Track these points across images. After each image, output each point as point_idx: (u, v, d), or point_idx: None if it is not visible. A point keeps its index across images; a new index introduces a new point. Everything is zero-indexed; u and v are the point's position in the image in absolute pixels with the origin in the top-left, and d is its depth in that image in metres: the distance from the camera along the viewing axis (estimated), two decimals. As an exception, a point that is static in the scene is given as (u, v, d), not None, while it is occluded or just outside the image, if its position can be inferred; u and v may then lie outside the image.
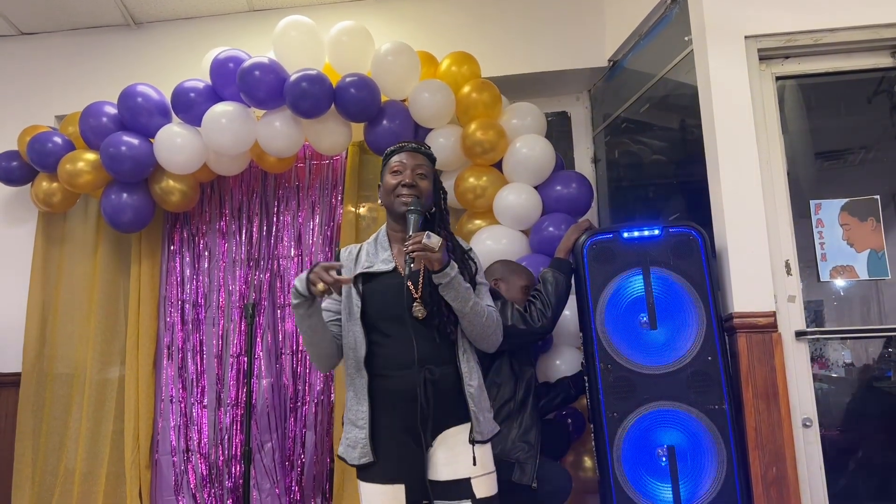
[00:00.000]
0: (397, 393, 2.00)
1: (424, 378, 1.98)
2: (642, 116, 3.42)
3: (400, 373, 2.01)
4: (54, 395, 3.50)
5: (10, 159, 3.51)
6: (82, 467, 3.38)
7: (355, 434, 2.00)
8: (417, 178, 2.12)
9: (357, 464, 1.99)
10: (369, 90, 3.11)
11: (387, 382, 2.02)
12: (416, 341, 2.01)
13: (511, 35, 3.65)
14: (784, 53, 2.76)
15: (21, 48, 3.92)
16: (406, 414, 1.99)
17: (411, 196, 2.09)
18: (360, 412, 2.01)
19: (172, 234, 3.65)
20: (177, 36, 3.84)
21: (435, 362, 2.02)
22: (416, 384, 1.98)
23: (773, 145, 2.71)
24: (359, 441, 1.99)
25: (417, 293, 2.04)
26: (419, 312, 2.02)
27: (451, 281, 2.00)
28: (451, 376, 2.04)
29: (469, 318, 2.06)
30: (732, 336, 2.52)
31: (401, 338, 2.02)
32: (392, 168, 2.14)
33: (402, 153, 2.16)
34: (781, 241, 2.63)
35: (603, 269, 2.56)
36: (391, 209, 2.14)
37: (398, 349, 2.02)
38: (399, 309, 2.03)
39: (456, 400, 2.03)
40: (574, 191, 3.17)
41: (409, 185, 2.10)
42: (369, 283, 2.09)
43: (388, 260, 2.12)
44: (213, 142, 3.15)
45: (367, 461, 1.97)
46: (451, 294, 2.02)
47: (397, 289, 2.05)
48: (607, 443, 2.42)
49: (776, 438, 2.42)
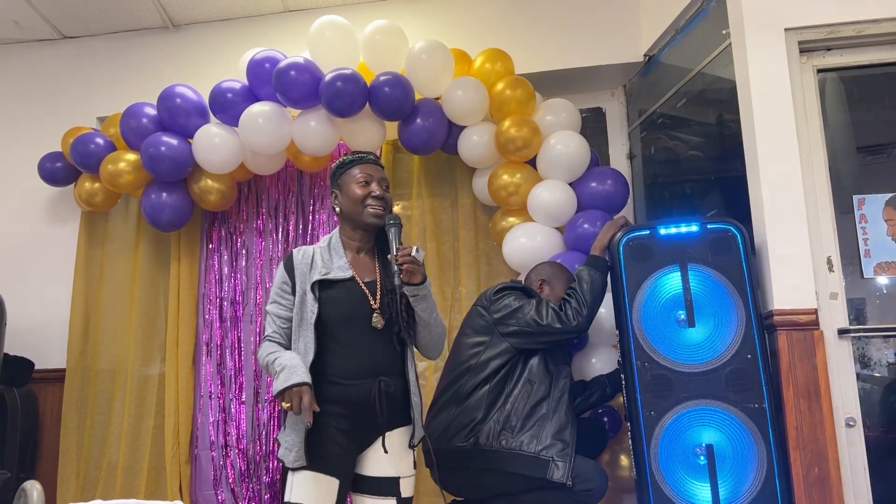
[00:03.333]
0: (347, 400, 2.05)
1: (380, 389, 2.04)
2: (679, 112, 3.38)
3: (353, 381, 2.06)
4: (98, 390, 3.58)
5: (54, 160, 3.60)
6: (124, 461, 3.45)
7: (293, 438, 2.03)
8: (384, 191, 2.20)
9: (292, 467, 2.02)
10: (403, 89, 3.12)
11: (337, 389, 2.06)
12: (371, 351, 2.08)
13: (545, 31, 3.63)
14: (826, 45, 2.71)
15: (64, 51, 4.01)
16: (353, 419, 2.06)
17: (381, 208, 2.16)
18: (301, 416, 2.00)
19: (211, 233, 3.70)
20: (214, 37, 3.89)
21: (388, 372, 2.09)
22: (369, 393, 2.04)
23: (815, 139, 2.65)
24: (295, 445, 2.01)
25: (376, 303, 2.10)
26: (378, 323, 2.08)
27: (427, 293, 2.09)
28: (401, 385, 2.12)
29: (431, 328, 2.16)
30: (772, 334, 2.48)
31: (356, 346, 2.07)
32: (357, 179, 2.18)
33: (365, 164, 2.21)
34: (823, 237, 2.57)
35: (639, 267, 2.53)
36: (356, 219, 2.18)
37: (353, 358, 2.07)
38: (357, 317, 2.09)
39: (400, 407, 2.11)
40: (609, 187, 3.15)
41: (380, 198, 2.17)
42: (326, 291, 2.11)
43: (345, 267, 2.15)
44: (250, 141, 3.19)
45: (300, 465, 2.01)
46: (423, 305, 2.10)
47: (355, 297, 2.11)
48: (644, 441, 2.40)
49: (818, 438, 2.37)
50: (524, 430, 2.41)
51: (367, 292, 2.11)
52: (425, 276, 2.08)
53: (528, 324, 2.49)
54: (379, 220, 2.16)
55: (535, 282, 2.75)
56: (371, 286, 2.12)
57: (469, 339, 2.58)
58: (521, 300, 2.55)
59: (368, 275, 2.17)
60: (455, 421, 2.45)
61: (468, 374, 2.51)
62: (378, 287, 2.13)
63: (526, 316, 2.50)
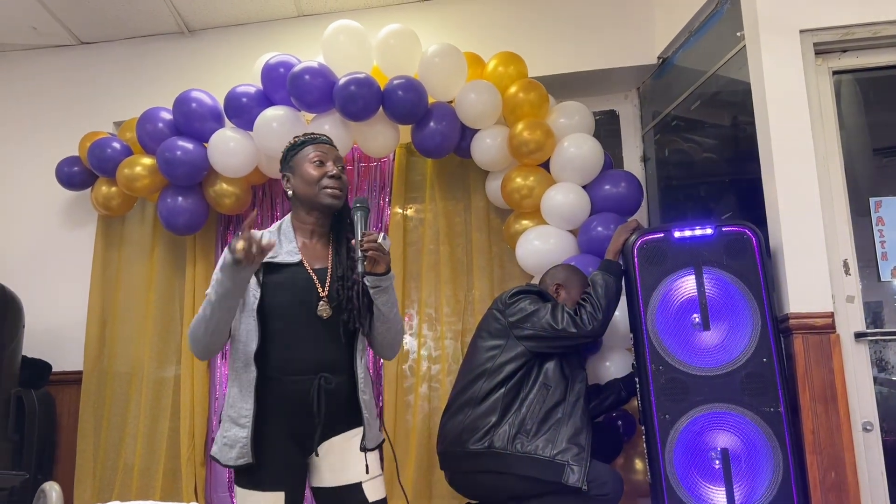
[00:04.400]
0: (287, 398, 1.92)
1: (319, 386, 1.91)
2: (693, 114, 3.37)
3: (293, 377, 1.92)
4: (114, 393, 3.61)
5: (71, 165, 3.63)
6: (140, 463, 3.47)
7: (235, 433, 1.89)
8: (341, 171, 2.06)
9: (233, 465, 1.89)
10: (417, 92, 3.13)
11: (277, 385, 1.92)
12: (314, 343, 1.94)
13: (558, 34, 3.63)
14: (841, 47, 2.69)
15: (81, 57, 4.05)
16: (294, 420, 1.92)
17: (339, 189, 2.02)
18: (243, 409, 1.90)
19: (226, 236, 3.73)
20: (228, 42, 3.92)
21: (331, 369, 1.95)
22: (309, 392, 1.90)
23: (830, 141, 2.63)
24: (238, 440, 1.88)
25: (324, 291, 1.96)
26: (325, 312, 1.95)
27: (389, 285, 1.96)
28: (346, 384, 1.98)
29: (390, 324, 2.02)
30: (788, 337, 2.46)
31: (298, 338, 1.93)
32: (311, 159, 2.04)
33: (318, 144, 2.08)
34: (839, 240, 2.56)
35: (654, 270, 2.53)
36: (311, 200, 2.03)
37: (294, 351, 1.92)
38: (301, 306, 1.94)
39: (347, 407, 1.97)
40: (623, 190, 3.14)
41: (336, 177, 2.03)
42: (271, 275, 1.96)
43: (294, 252, 2.01)
44: (265, 145, 3.21)
45: (244, 462, 1.88)
46: (384, 297, 1.97)
47: (302, 284, 1.96)
48: (659, 445, 2.39)
49: (835, 443, 2.36)
50: (539, 434, 2.41)
51: (316, 279, 1.97)
52: (389, 266, 1.95)
53: (544, 328, 2.49)
54: (336, 200, 2.03)
55: (550, 285, 2.74)
56: (321, 273, 1.98)
57: (485, 342, 2.58)
58: (536, 304, 2.55)
59: (319, 261, 2.03)
60: (470, 424, 2.45)
61: (484, 378, 2.51)
62: (329, 274, 1.99)
63: (541, 320, 2.50)
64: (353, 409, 1.99)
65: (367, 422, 1.98)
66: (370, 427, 1.99)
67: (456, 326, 3.41)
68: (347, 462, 1.96)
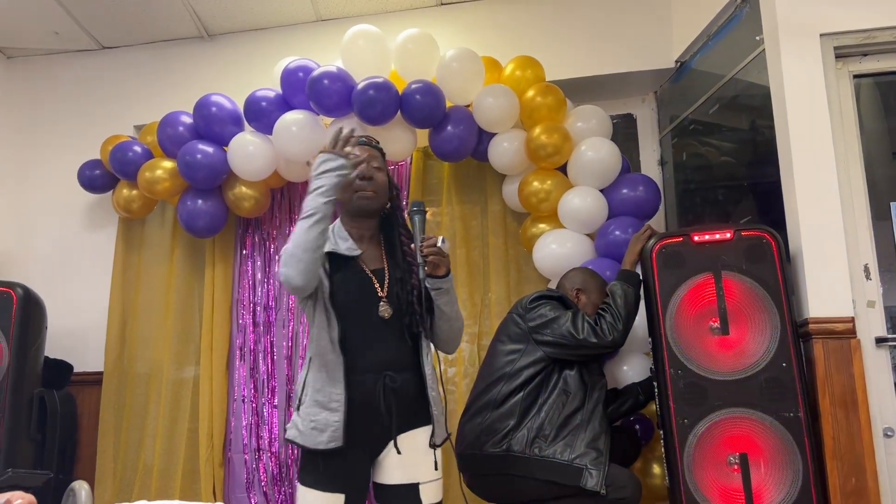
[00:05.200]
0: (353, 399, 1.91)
1: (384, 385, 1.91)
2: (711, 118, 3.36)
3: (357, 377, 1.92)
4: (134, 393, 3.64)
5: (93, 168, 3.67)
6: (159, 463, 3.51)
7: (326, 417, 1.88)
8: (374, 171, 2.05)
9: (323, 448, 1.86)
10: (434, 97, 3.15)
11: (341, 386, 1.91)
12: (378, 343, 1.94)
13: (575, 38, 3.64)
14: (862, 51, 2.68)
15: (102, 62, 4.10)
16: (361, 421, 1.91)
17: (370, 189, 2.02)
18: (334, 394, 1.89)
19: (244, 239, 3.76)
20: (247, 46, 3.95)
21: (396, 367, 1.95)
22: (375, 391, 1.90)
23: (851, 145, 2.62)
24: (330, 424, 1.87)
25: (383, 292, 1.97)
26: (386, 312, 1.96)
27: (450, 286, 1.97)
28: (413, 382, 1.98)
29: (452, 322, 2.03)
30: (808, 342, 2.45)
31: (361, 337, 1.93)
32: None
33: (356, 146, 2.05)
34: (860, 245, 2.55)
35: (672, 274, 2.53)
36: (348, 203, 2.04)
37: (358, 350, 1.92)
38: (363, 305, 1.95)
39: (415, 404, 1.97)
40: (641, 194, 3.14)
41: (368, 178, 2.02)
42: (335, 271, 1.96)
43: (353, 248, 2.01)
44: (284, 149, 3.24)
45: (335, 446, 1.86)
46: (446, 298, 1.98)
47: (361, 283, 1.97)
48: (677, 449, 2.39)
49: (855, 448, 2.35)
50: (558, 438, 2.41)
51: (375, 280, 1.98)
52: (450, 268, 1.96)
53: (564, 336, 2.49)
54: (367, 201, 2.02)
55: (570, 290, 2.74)
56: (378, 274, 1.99)
57: (504, 346, 2.59)
58: (557, 311, 2.55)
59: (375, 262, 2.03)
60: (488, 427, 2.46)
61: (503, 381, 2.51)
62: (386, 276, 1.99)
63: (562, 328, 2.50)
64: (421, 407, 1.99)
65: (435, 419, 1.98)
66: (438, 424, 1.99)
67: (472, 329, 3.42)
68: (413, 459, 1.96)
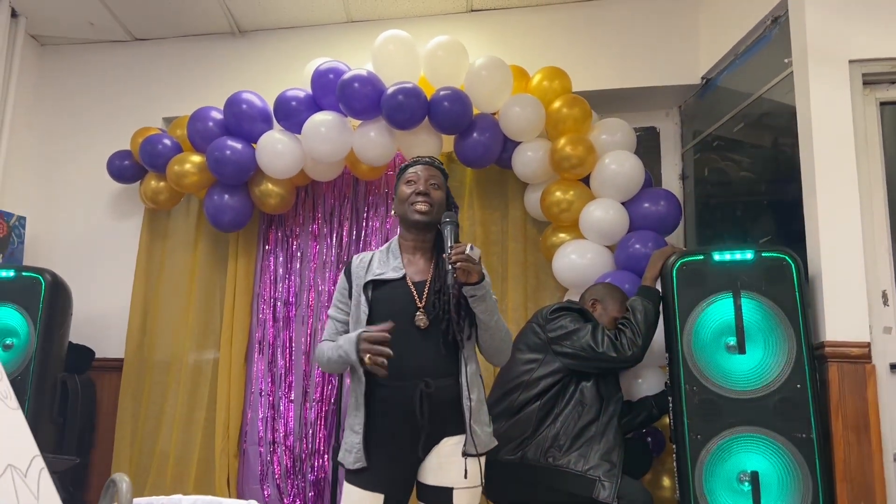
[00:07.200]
0: (393, 403, 2.03)
1: (421, 392, 2.00)
2: (735, 135, 3.38)
3: (396, 383, 2.02)
4: (153, 381, 3.70)
5: (122, 158, 3.74)
6: (175, 452, 3.56)
7: (352, 439, 2.05)
8: (431, 188, 2.17)
9: (352, 468, 2.03)
10: (462, 104, 3.19)
11: (385, 391, 2.05)
12: (415, 351, 2.03)
13: (603, 50, 3.67)
14: (890, 79, 2.70)
15: (134, 53, 4.16)
16: (402, 424, 2.02)
17: (425, 204, 2.13)
18: (357, 417, 2.06)
19: (268, 235, 3.81)
20: (279, 44, 4.00)
21: (433, 374, 2.03)
22: (412, 397, 2.00)
23: (875, 171, 2.65)
24: (354, 446, 2.04)
25: (421, 302, 2.07)
26: (422, 322, 2.05)
27: (486, 293, 2.02)
28: (451, 388, 2.05)
29: (492, 332, 2.08)
30: (823, 365, 2.48)
31: (400, 346, 1.98)
32: (406, 179, 2.19)
33: (417, 166, 2.22)
34: (879, 270, 2.57)
35: (692, 291, 2.56)
36: (404, 218, 2.18)
37: (397, 358, 1.96)
38: (401, 316, 2.04)
39: (453, 412, 2.05)
40: (662, 208, 3.17)
41: (423, 193, 2.15)
42: (378, 291, 2.12)
43: (399, 268, 2.15)
44: (312, 149, 3.29)
45: (359, 465, 2.02)
46: (482, 306, 2.03)
47: (403, 297, 2.09)
48: (689, 464, 2.43)
49: (865, 472, 2.38)
50: (572, 449, 2.46)
51: (414, 291, 2.09)
52: (483, 274, 2.01)
53: (584, 348, 2.53)
54: (422, 216, 2.13)
55: (588, 301, 2.78)
56: (419, 286, 2.10)
57: (523, 355, 2.63)
58: (577, 322, 2.59)
59: (420, 275, 2.15)
60: (504, 434, 2.50)
61: (520, 390, 2.56)
62: (427, 286, 2.10)
63: (581, 340, 2.54)
64: (455, 415, 2.05)
65: (470, 428, 2.03)
66: (475, 433, 2.04)
67: (488, 334, 3.45)
68: (449, 465, 2.04)
